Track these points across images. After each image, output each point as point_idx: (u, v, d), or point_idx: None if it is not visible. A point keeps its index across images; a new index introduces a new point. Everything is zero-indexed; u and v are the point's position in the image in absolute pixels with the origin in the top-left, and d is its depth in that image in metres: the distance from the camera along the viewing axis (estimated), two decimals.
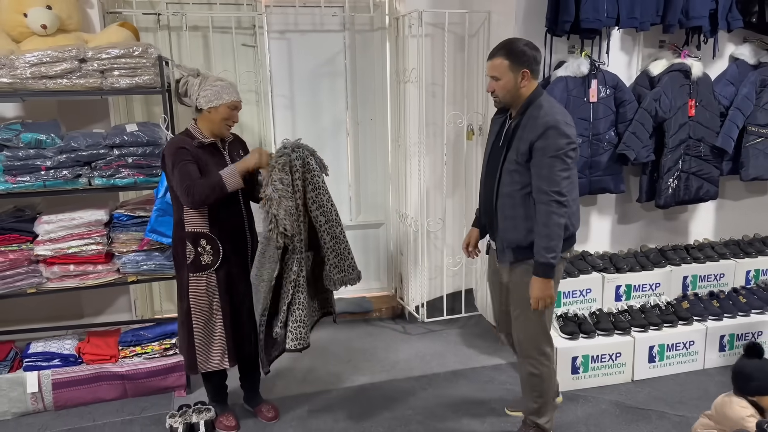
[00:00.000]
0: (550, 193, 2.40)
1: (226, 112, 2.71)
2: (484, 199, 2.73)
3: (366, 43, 4.29)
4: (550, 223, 2.41)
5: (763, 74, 3.81)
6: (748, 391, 2.50)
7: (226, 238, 2.73)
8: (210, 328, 2.79)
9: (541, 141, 2.40)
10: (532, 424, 2.85)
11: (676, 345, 3.53)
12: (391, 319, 4.37)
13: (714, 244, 4.08)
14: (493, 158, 2.64)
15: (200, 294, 2.74)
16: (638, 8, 3.43)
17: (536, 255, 2.46)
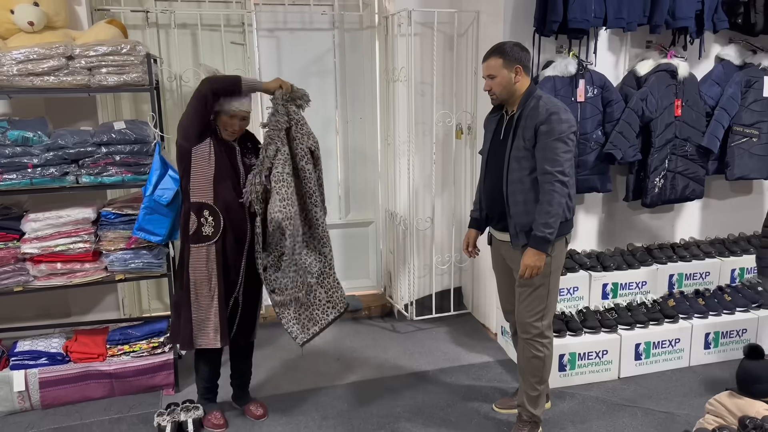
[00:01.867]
0: (555, 173, 2.57)
1: (224, 119, 2.73)
2: (489, 192, 2.83)
3: (355, 42, 4.29)
4: (553, 201, 2.58)
5: (748, 75, 3.86)
6: (757, 394, 2.48)
7: (228, 213, 2.76)
8: (207, 303, 2.80)
9: (545, 125, 2.58)
10: (528, 419, 2.89)
11: (662, 343, 3.56)
12: (380, 317, 4.38)
13: (700, 243, 4.12)
14: (495, 152, 2.79)
15: (200, 266, 2.76)
16: (625, 9, 3.46)
17: (535, 229, 2.62)
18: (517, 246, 2.74)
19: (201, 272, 2.77)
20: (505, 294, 3.03)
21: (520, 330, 2.85)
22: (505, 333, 3.83)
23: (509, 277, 2.93)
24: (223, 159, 2.75)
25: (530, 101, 2.66)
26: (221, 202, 2.74)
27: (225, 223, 2.75)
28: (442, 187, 4.22)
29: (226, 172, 2.75)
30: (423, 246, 4.25)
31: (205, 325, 2.83)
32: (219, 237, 2.75)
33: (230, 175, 2.76)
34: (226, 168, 2.76)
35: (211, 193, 2.74)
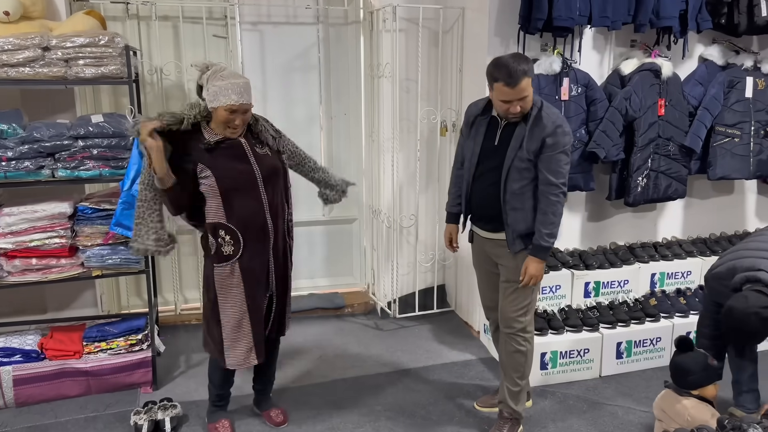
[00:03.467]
0: (559, 185, 2.64)
1: (224, 116, 2.52)
2: (480, 195, 2.82)
3: (340, 37, 4.26)
4: (556, 212, 2.66)
5: (730, 75, 3.88)
6: (690, 386, 2.54)
7: (247, 229, 2.62)
8: (237, 323, 2.68)
9: (552, 138, 2.61)
10: (509, 415, 2.91)
11: (644, 341, 3.58)
12: (363, 314, 4.36)
13: (681, 242, 4.14)
14: (489, 157, 2.76)
15: (226, 285, 2.65)
16: (610, 7, 3.46)
17: (538, 239, 2.68)
18: (514, 251, 2.77)
19: (228, 292, 2.66)
20: (486, 291, 3.03)
21: (503, 325, 2.86)
22: (487, 331, 3.82)
23: (491, 274, 2.94)
24: (227, 168, 2.57)
25: (532, 110, 2.65)
26: (235, 218, 2.60)
27: (244, 238, 2.62)
28: (426, 184, 4.20)
29: (233, 182, 2.58)
30: (407, 243, 4.23)
31: (237, 345, 2.70)
32: (241, 253, 2.63)
33: (240, 179, 2.59)
34: (234, 175, 2.58)
35: (222, 213, 2.60)
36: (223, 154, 2.59)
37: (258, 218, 2.64)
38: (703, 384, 2.47)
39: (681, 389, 2.54)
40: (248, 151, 2.63)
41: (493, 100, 2.68)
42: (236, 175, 2.59)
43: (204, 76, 2.58)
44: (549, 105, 2.72)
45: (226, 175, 2.58)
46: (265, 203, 2.64)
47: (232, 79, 2.52)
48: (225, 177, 2.58)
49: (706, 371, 2.47)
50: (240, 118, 2.55)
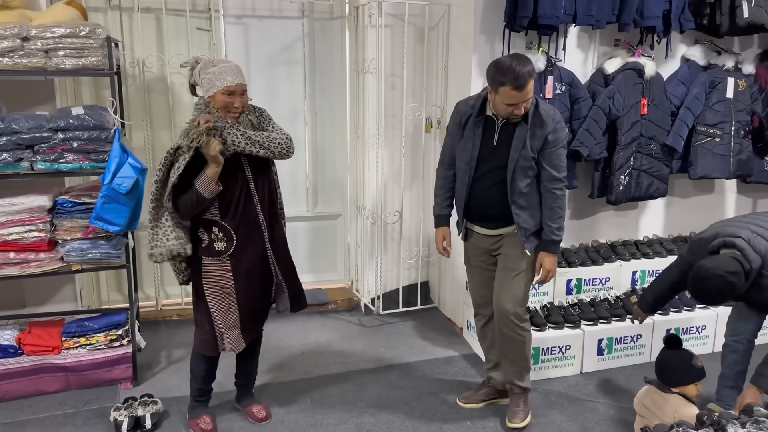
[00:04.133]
0: (562, 179, 2.74)
1: (222, 99, 2.50)
2: (481, 195, 2.83)
3: (325, 32, 4.23)
4: (562, 205, 2.76)
5: (712, 75, 3.92)
6: (672, 382, 2.57)
7: (239, 226, 2.62)
8: (225, 310, 2.69)
9: (553, 134, 2.68)
10: (519, 391, 3.01)
11: (624, 338, 3.61)
12: (346, 311, 4.35)
13: (662, 240, 4.19)
14: (489, 157, 2.77)
15: (213, 278, 2.66)
16: (595, 6, 3.48)
17: (549, 234, 2.77)
18: (530, 249, 2.82)
19: (216, 283, 2.66)
20: (479, 288, 3.04)
21: (499, 314, 2.90)
22: (470, 327, 3.83)
23: (485, 270, 2.97)
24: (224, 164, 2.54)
25: (531, 109, 2.67)
26: (229, 216, 2.60)
27: (237, 236, 2.61)
28: (410, 180, 4.19)
29: (227, 179, 2.55)
30: (391, 240, 4.23)
31: (229, 332, 2.72)
32: (233, 250, 2.62)
33: (232, 177, 2.58)
34: (228, 172, 2.55)
35: (217, 211, 2.60)
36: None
37: (250, 216, 2.65)
38: (685, 382, 2.50)
39: (664, 386, 2.57)
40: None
41: (496, 104, 2.65)
42: (226, 173, 2.56)
43: (195, 71, 2.57)
44: (543, 101, 2.76)
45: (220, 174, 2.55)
46: (256, 200, 2.65)
47: (223, 63, 2.55)
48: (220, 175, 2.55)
49: (690, 370, 2.50)
50: (238, 99, 2.54)
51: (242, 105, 2.56)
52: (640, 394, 2.69)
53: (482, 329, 3.11)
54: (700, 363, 2.57)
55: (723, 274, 2.35)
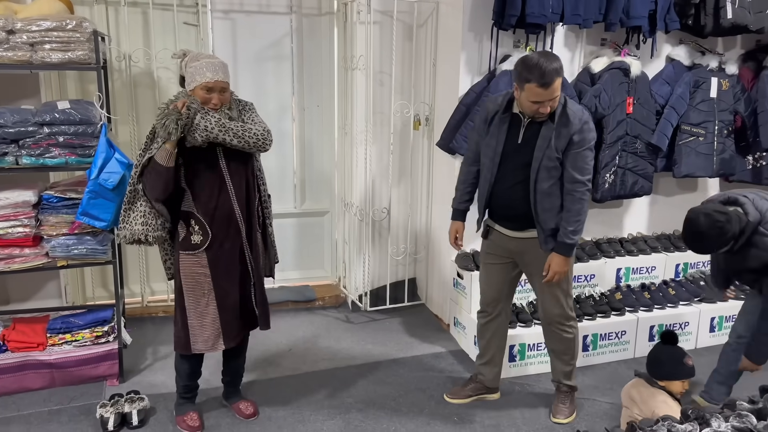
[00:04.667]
0: (585, 182, 2.68)
1: (201, 95, 2.50)
2: (503, 194, 2.82)
3: (313, 28, 4.22)
4: (582, 210, 2.70)
5: (696, 75, 3.97)
6: (659, 375, 2.61)
7: (214, 220, 2.61)
8: (202, 309, 2.68)
9: (579, 134, 2.63)
10: (567, 390, 3.09)
11: (609, 335, 3.65)
12: (334, 308, 4.35)
13: (647, 238, 4.24)
14: (514, 155, 2.75)
15: (190, 273, 2.64)
16: (582, 5, 3.50)
17: (563, 236, 2.72)
18: (547, 250, 2.80)
19: (193, 279, 2.65)
20: (488, 288, 3.05)
21: (546, 319, 2.98)
22: (457, 324, 3.86)
23: (500, 272, 2.99)
24: (196, 156, 2.54)
25: (557, 107, 2.65)
26: (202, 209, 2.59)
27: (212, 229, 2.61)
28: (398, 177, 4.20)
29: (197, 172, 2.57)
30: (378, 236, 4.24)
31: (203, 330, 2.69)
32: (209, 244, 2.61)
33: (205, 169, 2.57)
34: (198, 165, 2.56)
35: (192, 203, 2.60)
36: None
37: (225, 210, 2.63)
38: (673, 378, 2.54)
39: (652, 379, 2.61)
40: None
41: (522, 101, 2.63)
42: (201, 165, 2.57)
43: (182, 64, 2.56)
44: (572, 100, 2.72)
45: (191, 165, 2.57)
46: (232, 195, 2.63)
47: (207, 59, 2.53)
48: (191, 167, 2.57)
49: (679, 367, 2.54)
50: (217, 96, 2.53)
51: (220, 102, 2.55)
52: (628, 386, 2.74)
53: (483, 326, 3.12)
54: (691, 362, 2.60)
55: (712, 213, 2.47)
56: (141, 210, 2.59)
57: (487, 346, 3.13)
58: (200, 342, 2.71)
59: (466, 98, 3.65)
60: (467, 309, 3.72)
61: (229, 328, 2.74)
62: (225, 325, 2.72)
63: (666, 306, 3.82)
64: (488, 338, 3.12)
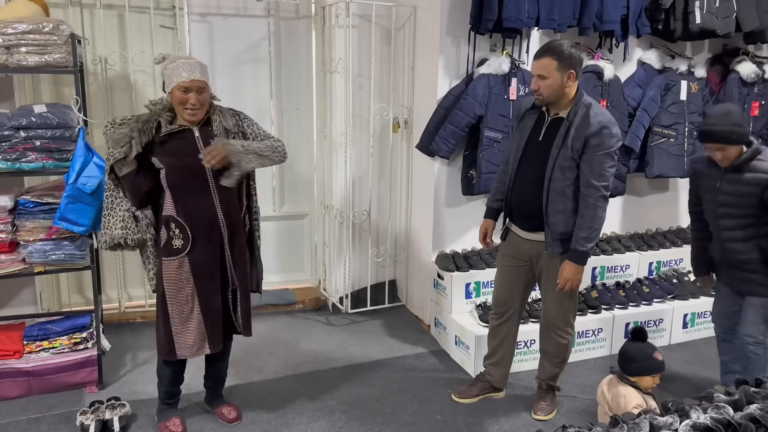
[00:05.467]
0: (600, 188, 2.62)
1: (178, 96, 2.48)
2: (520, 192, 2.83)
3: (291, 31, 4.23)
4: (596, 216, 2.65)
5: (667, 78, 4.08)
6: (629, 372, 2.68)
7: (196, 224, 2.59)
8: (186, 315, 2.65)
9: (596, 138, 2.59)
10: (547, 387, 3.13)
11: (586, 332, 3.72)
12: (314, 310, 4.35)
13: (620, 237, 4.33)
14: (533, 153, 2.77)
15: (172, 278, 2.61)
16: (557, 10, 3.58)
17: (575, 243, 2.68)
18: (553, 254, 2.78)
19: (175, 284, 2.62)
20: (502, 290, 3.06)
21: (547, 323, 3.00)
22: (438, 325, 3.89)
23: (520, 270, 2.98)
24: (176, 161, 2.53)
25: (580, 109, 2.64)
26: (183, 213, 2.57)
27: (193, 233, 2.58)
28: (378, 180, 4.23)
29: (181, 175, 2.55)
30: (359, 238, 4.25)
31: (187, 335, 2.67)
32: (190, 248, 2.59)
33: (188, 173, 2.55)
34: (181, 168, 2.55)
35: (172, 206, 2.58)
36: (175, 147, 2.56)
37: (207, 214, 2.61)
38: (642, 373, 2.60)
39: (623, 375, 2.68)
40: (200, 146, 2.58)
41: None
42: (184, 169, 2.56)
43: (162, 68, 2.56)
44: (599, 106, 2.69)
45: (173, 169, 2.56)
46: (215, 199, 2.61)
47: (184, 60, 2.53)
48: (172, 170, 2.56)
49: (648, 362, 2.60)
50: (194, 96, 2.50)
51: (198, 102, 2.52)
52: (603, 382, 2.80)
53: (495, 328, 3.14)
54: (660, 357, 2.67)
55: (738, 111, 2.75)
56: (120, 215, 2.59)
57: (498, 347, 3.15)
58: (185, 347, 2.69)
59: (445, 101, 3.70)
60: (448, 309, 3.76)
61: (213, 332, 2.72)
62: (209, 330, 2.70)
63: (640, 303, 3.91)
64: (499, 340, 3.13)
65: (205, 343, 2.71)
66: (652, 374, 2.69)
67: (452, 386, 3.34)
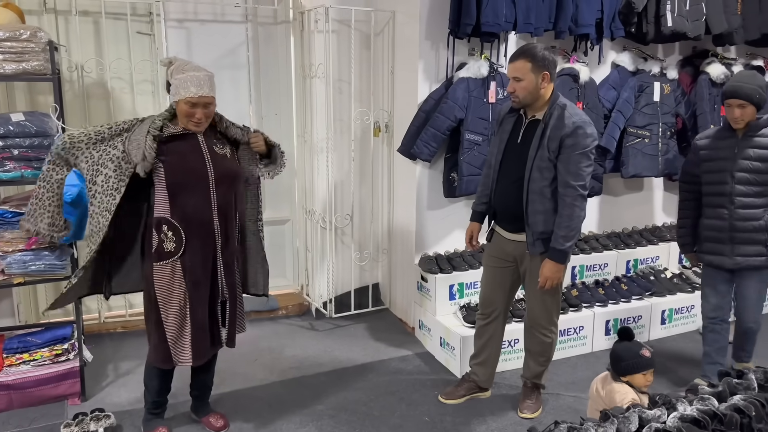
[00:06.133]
0: (577, 187, 2.68)
1: (184, 109, 2.49)
2: (502, 194, 2.89)
3: (270, 36, 4.23)
4: (573, 215, 2.71)
5: (640, 80, 4.17)
6: (620, 371, 2.72)
7: (191, 227, 2.55)
8: (181, 321, 2.60)
9: (571, 138, 2.65)
10: (532, 385, 3.18)
11: (567, 330, 3.78)
12: (297, 316, 4.34)
13: (598, 237, 4.41)
14: (513, 155, 2.83)
15: (165, 284, 2.56)
16: (533, 14, 3.64)
17: (554, 242, 2.74)
18: (534, 253, 2.83)
19: (168, 290, 2.57)
20: (488, 291, 3.11)
21: (531, 322, 3.05)
22: (422, 327, 3.91)
23: (505, 271, 3.03)
24: (178, 162, 2.52)
25: (555, 110, 2.70)
26: (179, 214, 2.54)
27: (186, 235, 2.55)
28: (360, 184, 4.24)
29: (181, 177, 2.52)
30: (341, 243, 4.26)
31: (182, 342, 2.63)
32: (183, 251, 2.56)
33: (190, 175, 2.53)
34: (183, 170, 2.53)
35: (168, 207, 2.54)
36: (178, 148, 2.55)
37: (203, 217, 2.58)
38: (632, 371, 2.63)
39: (615, 374, 2.71)
40: (204, 149, 2.58)
41: None
42: (186, 170, 2.54)
43: (168, 71, 2.54)
44: (575, 107, 2.77)
45: (175, 169, 2.53)
46: (213, 204, 2.59)
47: (192, 71, 2.49)
48: (173, 170, 2.53)
49: (637, 360, 2.63)
50: (201, 111, 2.50)
51: (204, 117, 2.53)
52: (597, 379, 2.83)
53: (482, 328, 3.17)
54: (648, 354, 2.71)
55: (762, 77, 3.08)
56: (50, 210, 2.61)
57: (483, 347, 3.19)
58: (180, 354, 2.64)
59: (425, 105, 3.73)
60: (432, 311, 3.78)
61: (202, 339, 2.68)
62: (198, 339, 2.66)
63: (620, 301, 3.99)
64: (485, 340, 3.17)
65: (203, 349, 2.68)
66: (641, 371, 2.72)
67: (438, 387, 3.36)
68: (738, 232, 3.11)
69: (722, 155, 3.12)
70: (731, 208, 3.11)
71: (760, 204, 3.08)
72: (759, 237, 3.09)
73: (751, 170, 3.05)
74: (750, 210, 3.08)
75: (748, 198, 3.08)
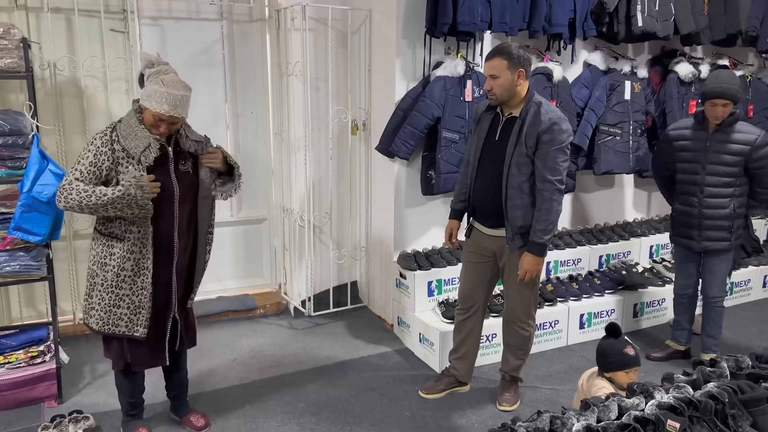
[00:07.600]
0: (554, 182, 2.76)
1: (151, 120, 2.47)
2: (481, 191, 2.94)
3: (245, 34, 4.21)
4: (551, 209, 2.78)
5: (611, 79, 4.27)
6: (603, 367, 2.78)
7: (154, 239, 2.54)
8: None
9: (547, 134, 2.73)
10: (510, 378, 3.24)
11: (543, 324, 3.85)
12: (275, 315, 4.33)
13: (572, 233, 4.50)
14: (490, 152, 2.89)
15: None
16: (508, 14, 3.70)
17: (533, 235, 2.82)
18: (513, 248, 2.88)
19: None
20: (467, 286, 3.15)
21: (510, 315, 3.12)
22: (401, 323, 3.95)
23: (484, 266, 3.08)
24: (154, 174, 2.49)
25: (530, 107, 2.76)
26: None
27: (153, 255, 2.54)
28: (338, 182, 4.25)
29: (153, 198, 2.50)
30: (319, 241, 4.26)
31: (141, 346, 2.63)
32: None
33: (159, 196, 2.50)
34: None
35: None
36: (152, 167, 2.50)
37: (167, 237, 2.59)
38: (615, 369, 2.67)
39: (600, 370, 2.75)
40: (171, 168, 2.57)
41: None
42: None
43: (148, 71, 2.51)
44: (550, 104, 2.85)
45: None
46: (176, 222, 2.60)
47: (172, 88, 2.45)
48: None
49: (620, 357, 2.67)
50: (166, 126, 2.50)
51: (168, 132, 2.52)
52: (586, 373, 2.87)
53: (461, 323, 3.22)
54: (632, 352, 2.75)
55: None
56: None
57: (463, 342, 3.23)
58: (138, 358, 2.66)
59: (403, 103, 3.76)
60: (411, 308, 3.82)
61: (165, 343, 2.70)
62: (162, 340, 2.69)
63: (593, 295, 4.08)
64: (465, 334, 3.21)
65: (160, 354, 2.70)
66: (624, 369, 2.74)
67: (418, 383, 3.40)
68: (706, 219, 3.39)
69: (694, 147, 3.41)
70: (701, 196, 3.38)
71: (727, 194, 3.36)
72: (724, 224, 3.39)
73: (721, 163, 3.33)
74: (717, 199, 3.37)
75: (716, 188, 3.34)
